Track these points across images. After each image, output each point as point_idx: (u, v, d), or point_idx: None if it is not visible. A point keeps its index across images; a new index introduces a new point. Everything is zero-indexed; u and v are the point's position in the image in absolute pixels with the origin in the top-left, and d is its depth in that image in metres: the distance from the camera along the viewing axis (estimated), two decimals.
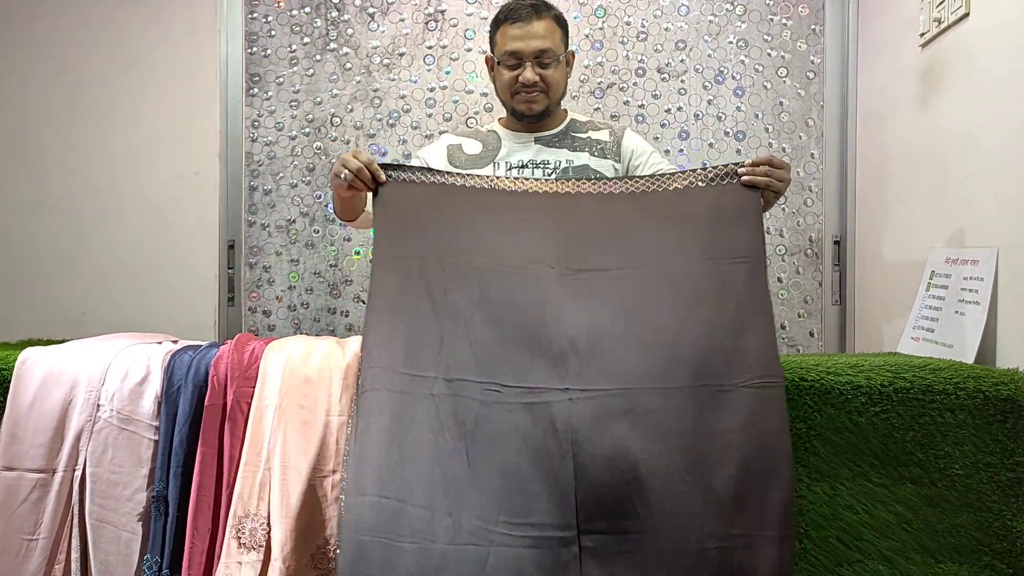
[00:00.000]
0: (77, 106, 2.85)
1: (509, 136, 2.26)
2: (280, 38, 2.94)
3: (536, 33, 2.14)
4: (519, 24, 2.14)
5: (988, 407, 1.66)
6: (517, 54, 2.14)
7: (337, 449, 1.60)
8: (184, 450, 1.62)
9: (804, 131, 2.90)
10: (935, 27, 2.16)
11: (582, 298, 1.64)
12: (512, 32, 2.15)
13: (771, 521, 1.49)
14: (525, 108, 2.19)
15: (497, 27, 2.19)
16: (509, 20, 2.15)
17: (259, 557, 1.55)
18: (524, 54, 2.14)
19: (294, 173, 2.95)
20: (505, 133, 2.28)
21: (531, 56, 2.14)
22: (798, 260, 2.91)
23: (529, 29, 2.13)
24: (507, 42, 2.16)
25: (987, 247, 1.87)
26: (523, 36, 2.13)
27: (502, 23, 2.17)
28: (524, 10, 2.15)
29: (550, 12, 2.18)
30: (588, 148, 2.23)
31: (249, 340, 1.76)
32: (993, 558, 1.64)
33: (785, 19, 2.89)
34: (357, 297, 2.95)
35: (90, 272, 2.85)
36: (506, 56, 2.16)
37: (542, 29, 2.14)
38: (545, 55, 2.14)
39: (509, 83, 2.18)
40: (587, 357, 1.57)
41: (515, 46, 2.14)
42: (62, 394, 1.66)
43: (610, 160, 2.22)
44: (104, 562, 1.61)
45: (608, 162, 2.21)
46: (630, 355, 1.57)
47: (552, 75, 2.17)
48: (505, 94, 2.22)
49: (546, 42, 2.14)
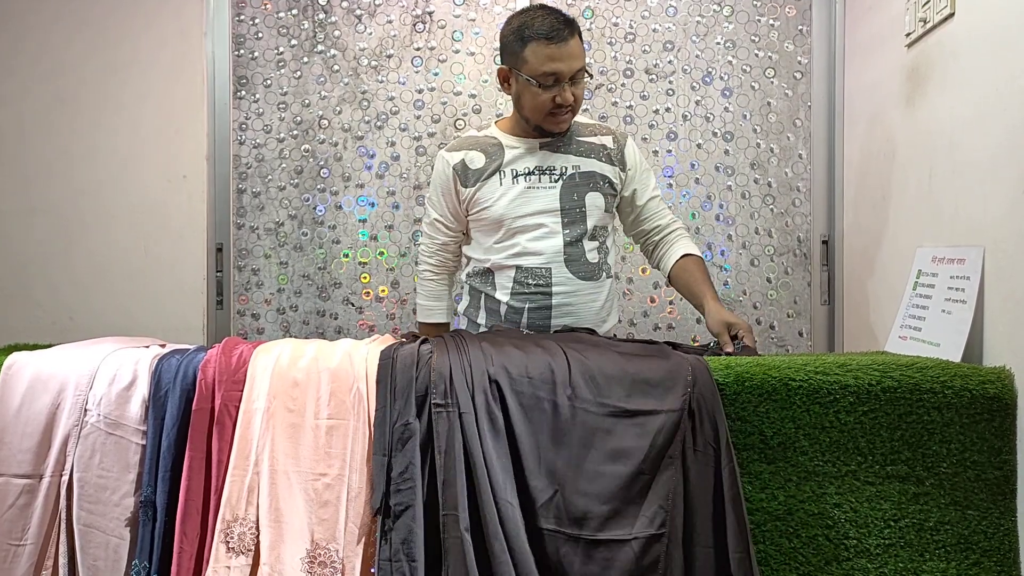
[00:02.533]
0: (64, 110, 2.84)
1: (512, 141, 2.20)
2: (267, 40, 2.94)
3: (574, 53, 2.05)
4: (557, 44, 2.03)
5: (975, 405, 1.67)
6: (557, 75, 2.05)
7: (326, 452, 1.60)
8: (172, 454, 1.62)
9: (792, 131, 2.91)
10: (921, 27, 2.17)
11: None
12: (549, 52, 2.03)
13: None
14: (557, 128, 2.14)
15: (526, 43, 2.06)
16: (546, 39, 2.03)
17: (247, 561, 1.55)
18: (563, 75, 2.05)
19: (282, 175, 2.94)
20: (508, 139, 2.21)
21: (569, 76, 2.06)
22: (787, 260, 2.92)
23: (567, 49, 2.04)
24: (544, 62, 2.04)
25: (973, 246, 1.87)
26: (563, 56, 2.03)
27: (533, 40, 2.04)
28: (562, 28, 2.04)
29: (576, 27, 2.09)
30: (595, 153, 2.19)
31: (237, 343, 1.75)
32: (981, 556, 1.65)
33: (772, 20, 2.90)
34: (346, 300, 2.95)
35: (78, 276, 2.84)
36: (544, 76, 2.05)
37: (577, 48, 2.06)
38: (580, 74, 2.08)
39: (545, 104, 2.08)
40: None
41: (555, 67, 2.04)
42: (49, 399, 1.65)
43: (616, 167, 2.20)
44: (92, 567, 1.60)
45: (615, 168, 2.19)
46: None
47: (581, 92, 2.12)
48: (537, 113, 2.11)
49: (581, 61, 2.07)
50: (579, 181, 2.16)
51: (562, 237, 2.13)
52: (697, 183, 2.92)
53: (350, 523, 1.57)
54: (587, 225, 2.15)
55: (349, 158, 2.95)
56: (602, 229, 2.20)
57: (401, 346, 1.73)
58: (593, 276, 2.16)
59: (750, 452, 1.66)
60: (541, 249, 2.13)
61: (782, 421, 1.66)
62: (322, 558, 1.55)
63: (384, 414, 1.60)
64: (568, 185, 2.16)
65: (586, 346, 1.75)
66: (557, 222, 2.14)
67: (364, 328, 2.95)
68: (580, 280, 2.14)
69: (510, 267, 2.15)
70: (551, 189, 2.15)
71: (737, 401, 1.66)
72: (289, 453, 1.60)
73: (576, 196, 2.15)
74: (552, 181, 2.16)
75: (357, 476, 1.59)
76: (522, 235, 2.14)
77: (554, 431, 1.60)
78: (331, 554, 1.55)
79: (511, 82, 2.15)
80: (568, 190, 2.15)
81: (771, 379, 1.66)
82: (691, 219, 2.92)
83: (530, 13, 2.09)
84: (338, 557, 1.55)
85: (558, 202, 2.14)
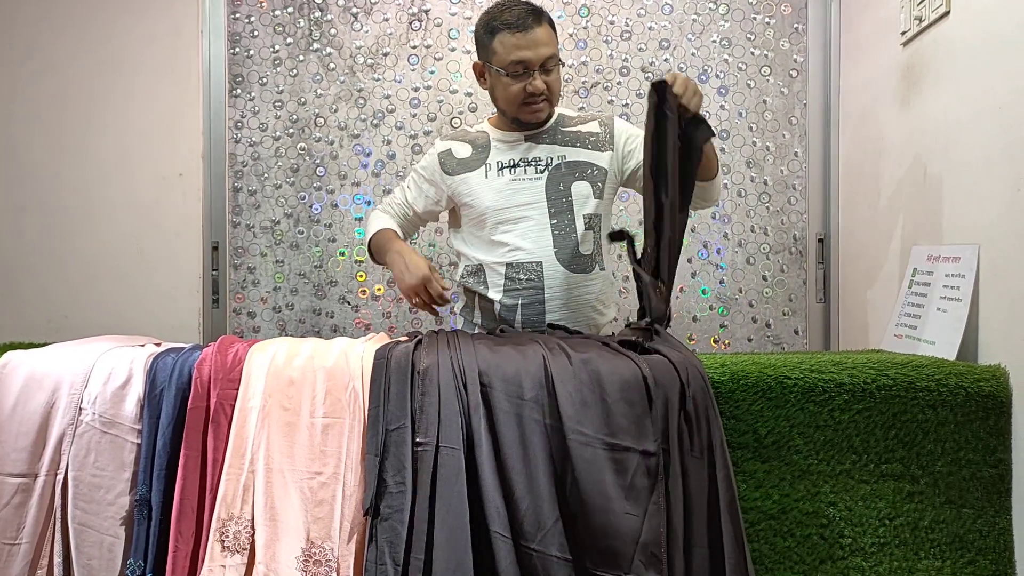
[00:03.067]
0: (60, 107, 2.83)
1: (498, 136, 2.23)
2: (263, 39, 2.93)
3: (541, 40, 2.06)
4: (523, 32, 2.05)
5: (970, 404, 1.67)
6: (524, 63, 2.07)
7: (321, 451, 1.60)
8: (167, 453, 1.61)
9: (787, 129, 2.91)
10: (916, 25, 2.17)
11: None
12: (515, 41, 2.05)
13: None
14: (533, 118, 2.15)
15: (494, 34, 2.09)
16: (510, 28, 2.06)
17: (243, 560, 1.54)
18: (532, 63, 2.06)
19: (278, 174, 2.94)
20: (495, 133, 2.24)
21: (538, 64, 2.07)
22: (782, 258, 2.92)
23: (533, 37, 2.05)
24: (511, 51, 2.06)
25: (969, 244, 1.88)
26: (529, 44, 2.05)
27: (500, 30, 2.07)
28: (527, 17, 2.06)
29: (544, 15, 2.11)
30: (581, 142, 2.20)
31: (233, 342, 1.75)
32: (976, 554, 1.65)
33: (768, 18, 2.90)
34: (342, 298, 2.95)
35: (73, 274, 2.84)
36: (512, 65, 2.07)
37: (545, 35, 2.07)
38: (550, 61, 2.09)
39: (517, 94, 2.10)
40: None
41: (522, 55, 2.06)
42: (44, 397, 1.64)
43: (606, 152, 2.20)
44: (87, 566, 1.59)
45: (605, 154, 2.19)
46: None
47: (555, 81, 2.13)
48: (511, 104, 2.13)
49: (551, 48, 2.08)
50: (565, 171, 2.16)
51: (550, 229, 2.13)
52: None
53: (345, 521, 1.57)
54: (575, 215, 2.15)
55: (345, 156, 2.94)
56: (593, 218, 2.18)
57: (396, 345, 1.73)
58: (586, 268, 2.15)
59: (745, 451, 1.66)
60: (530, 244, 2.13)
61: (777, 419, 1.66)
62: (317, 556, 1.55)
63: (377, 414, 1.60)
64: (554, 176, 2.16)
65: (579, 355, 1.70)
66: (544, 214, 2.14)
67: (360, 327, 2.95)
68: (573, 273, 2.13)
69: (500, 264, 2.15)
70: (536, 181, 2.15)
71: (732, 399, 1.66)
72: (284, 452, 1.60)
73: (562, 186, 2.15)
74: (537, 172, 2.16)
75: (352, 475, 1.59)
76: (509, 230, 2.15)
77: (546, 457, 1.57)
78: (326, 552, 1.55)
79: (486, 76, 2.18)
80: (554, 181, 2.15)
81: (766, 377, 1.66)
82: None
83: (499, 5, 2.12)
84: (333, 555, 1.55)
85: (544, 193, 2.15)
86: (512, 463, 1.56)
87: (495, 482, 1.55)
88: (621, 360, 1.66)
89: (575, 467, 1.55)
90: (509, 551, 1.51)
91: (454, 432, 1.57)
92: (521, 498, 1.55)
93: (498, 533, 1.52)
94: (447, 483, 1.54)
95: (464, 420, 1.58)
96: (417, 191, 2.29)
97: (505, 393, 1.61)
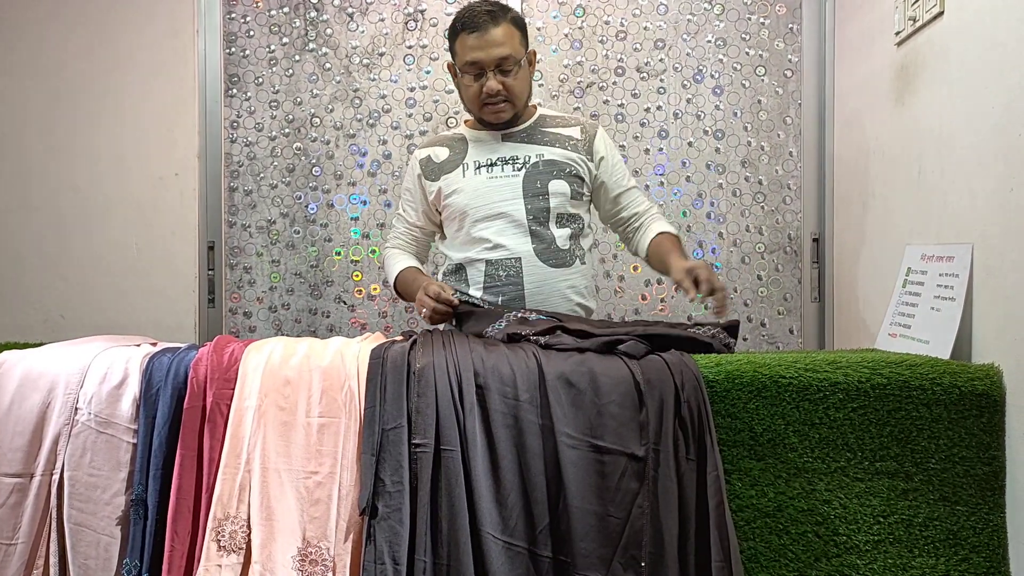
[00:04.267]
0: (56, 107, 2.83)
1: (475, 137, 2.26)
2: (259, 38, 2.93)
3: (494, 41, 2.10)
4: (476, 33, 2.09)
5: (964, 402, 1.67)
6: (478, 63, 2.11)
7: (317, 451, 1.60)
8: (163, 453, 1.61)
9: (782, 129, 2.92)
10: (910, 25, 2.17)
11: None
12: (470, 42, 2.11)
13: None
14: (493, 118, 2.19)
15: (455, 36, 2.15)
16: (466, 29, 2.11)
17: (239, 560, 1.55)
18: (485, 63, 2.11)
19: (274, 174, 2.94)
20: (472, 135, 2.27)
21: (492, 65, 2.11)
22: (777, 258, 2.93)
23: (487, 37, 2.09)
24: (467, 52, 2.12)
25: (962, 243, 1.88)
26: (482, 45, 2.10)
27: (459, 32, 2.13)
28: (481, 17, 2.10)
29: (506, 15, 2.14)
30: (560, 143, 2.22)
31: (229, 342, 1.75)
32: (970, 552, 1.66)
33: (763, 18, 2.91)
34: (338, 298, 2.95)
35: (69, 274, 2.84)
36: (467, 66, 2.13)
37: (500, 36, 2.10)
38: (506, 62, 2.11)
39: (475, 94, 2.15)
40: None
41: (475, 56, 2.11)
42: (40, 397, 1.64)
43: (583, 155, 2.22)
44: (83, 566, 1.59)
45: (582, 156, 2.22)
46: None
47: (514, 83, 2.15)
48: (472, 104, 2.19)
49: (505, 49, 2.11)
50: (543, 169, 2.18)
51: (527, 226, 2.15)
52: (688, 181, 2.93)
53: (341, 521, 1.57)
54: (551, 211, 2.16)
55: (341, 156, 2.94)
56: (570, 217, 2.20)
57: (392, 345, 1.73)
58: (564, 263, 2.17)
59: (740, 449, 1.66)
60: (508, 240, 2.15)
61: (772, 418, 1.66)
62: (313, 556, 1.55)
63: (373, 414, 1.60)
64: (531, 173, 2.17)
65: (574, 357, 1.70)
66: (520, 211, 2.16)
67: (356, 326, 2.95)
68: (551, 268, 2.15)
69: (480, 261, 2.17)
70: (513, 178, 2.18)
71: (727, 398, 1.66)
72: (280, 451, 1.60)
73: (539, 184, 2.17)
74: (515, 170, 2.18)
75: (348, 474, 1.59)
76: (487, 227, 2.16)
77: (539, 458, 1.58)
78: (322, 552, 1.55)
79: (457, 77, 2.23)
80: (531, 178, 2.17)
81: (761, 376, 1.67)
82: (682, 217, 2.92)
83: (465, 8, 2.18)
84: (329, 555, 1.55)
85: (520, 190, 2.16)
86: (506, 464, 1.57)
87: (488, 483, 1.55)
88: (615, 362, 1.67)
89: (563, 468, 1.55)
90: (501, 552, 1.52)
91: (452, 434, 1.57)
92: (514, 499, 1.55)
93: (490, 534, 1.52)
94: (448, 485, 1.54)
95: (459, 421, 1.59)
96: (413, 211, 2.33)
97: (500, 394, 1.61)
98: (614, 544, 1.54)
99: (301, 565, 1.54)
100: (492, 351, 1.70)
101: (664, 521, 1.55)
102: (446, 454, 1.56)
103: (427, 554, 1.52)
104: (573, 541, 1.53)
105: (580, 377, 1.62)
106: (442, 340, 1.76)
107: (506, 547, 1.52)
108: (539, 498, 1.55)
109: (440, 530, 1.53)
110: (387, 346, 1.71)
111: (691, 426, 1.60)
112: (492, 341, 1.80)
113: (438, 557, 1.52)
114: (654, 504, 1.55)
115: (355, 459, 1.60)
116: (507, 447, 1.58)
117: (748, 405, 1.66)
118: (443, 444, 1.57)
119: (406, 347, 1.70)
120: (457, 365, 1.65)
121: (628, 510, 1.55)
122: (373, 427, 1.59)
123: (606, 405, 1.59)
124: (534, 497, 1.55)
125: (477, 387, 1.62)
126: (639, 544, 1.53)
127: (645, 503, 1.55)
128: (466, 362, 1.65)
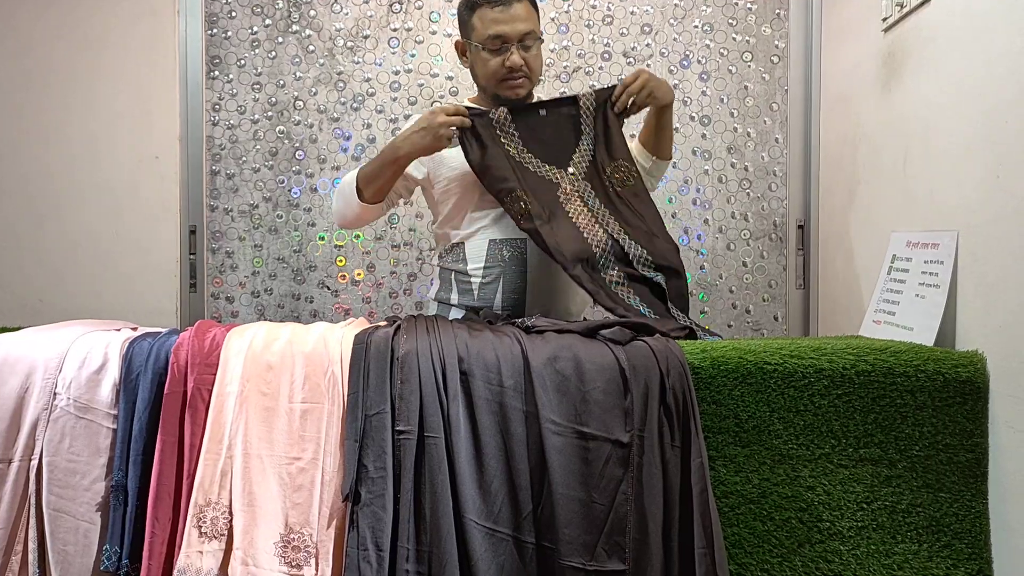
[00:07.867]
0: (32, 88, 2.78)
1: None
2: (241, 19, 2.89)
3: (520, 16, 2.10)
4: (501, 7, 2.09)
5: (948, 389, 1.68)
6: (502, 37, 2.10)
7: (300, 436, 1.59)
8: (144, 438, 1.60)
9: (768, 115, 2.91)
10: (897, 11, 2.17)
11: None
12: (494, 15, 2.10)
13: None
14: (512, 94, 2.16)
15: (473, 10, 2.13)
16: (489, 4, 2.10)
17: (220, 546, 1.54)
18: (510, 38, 2.10)
19: (257, 157, 2.91)
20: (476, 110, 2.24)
21: (516, 39, 2.10)
22: (762, 244, 2.93)
23: (512, 12, 2.10)
24: (489, 26, 2.10)
25: (947, 231, 1.89)
26: (508, 19, 2.09)
27: (480, 6, 2.12)
28: None
29: None
30: None
31: (210, 326, 1.74)
32: (952, 538, 1.67)
33: (749, 3, 2.90)
34: (322, 283, 2.93)
35: (47, 259, 2.80)
36: (490, 40, 2.11)
37: (523, 11, 2.11)
38: (528, 37, 2.12)
39: (496, 69, 2.13)
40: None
41: (500, 30, 2.09)
42: (18, 382, 1.62)
43: None
44: (62, 552, 1.58)
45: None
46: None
47: (534, 59, 2.16)
48: (490, 80, 2.17)
49: (529, 24, 2.12)
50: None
51: None
52: (674, 167, 2.91)
53: (324, 507, 1.56)
54: None
55: (325, 140, 2.92)
56: None
57: (376, 330, 1.72)
58: None
59: (725, 435, 1.66)
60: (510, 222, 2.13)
61: (757, 404, 1.66)
62: (295, 542, 1.54)
63: (356, 399, 1.59)
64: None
65: (558, 343, 1.69)
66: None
67: (339, 311, 2.93)
68: None
69: (482, 240, 2.16)
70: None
71: (712, 385, 1.66)
72: (263, 437, 1.59)
73: None
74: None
75: (331, 460, 1.58)
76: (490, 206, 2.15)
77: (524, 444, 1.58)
78: (304, 538, 1.54)
79: (467, 54, 2.21)
80: None
81: (746, 363, 1.67)
82: (668, 203, 2.92)
83: None
84: (312, 541, 1.54)
85: None
86: (490, 451, 1.56)
87: (471, 470, 1.55)
88: (600, 348, 1.66)
89: (547, 455, 1.55)
90: (484, 538, 1.52)
91: (436, 420, 1.57)
92: (498, 486, 1.55)
93: (473, 520, 1.52)
94: (432, 473, 1.54)
95: (443, 407, 1.58)
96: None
97: (485, 380, 1.60)
98: (598, 530, 1.54)
99: (283, 551, 1.53)
100: (476, 337, 1.69)
101: (648, 507, 1.55)
102: (430, 441, 1.55)
103: (410, 541, 1.51)
104: (557, 527, 1.53)
105: (565, 363, 1.61)
106: (426, 325, 1.74)
107: (490, 533, 1.52)
108: (523, 484, 1.55)
109: (423, 517, 1.52)
110: (371, 331, 1.70)
111: (676, 413, 1.60)
112: (477, 326, 1.79)
113: (421, 544, 1.51)
114: (638, 490, 1.55)
115: (338, 445, 1.59)
116: (491, 434, 1.57)
117: (733, 392, 1.66)
118: (427, 431, 1.56)
119: (390, 332, 1.69)
120: (441, 351, 1.64)
121: (612, 496, 1.55)
122: (356, 413, 1.58)
123: (591, 391, 1.59)
124: (518, 484, 1.55)
125: (461, 373, 1.61)
126: (623, 530, 1.54)
127: (629, 489, 1.55)
128: (450, 348, 1.64)
